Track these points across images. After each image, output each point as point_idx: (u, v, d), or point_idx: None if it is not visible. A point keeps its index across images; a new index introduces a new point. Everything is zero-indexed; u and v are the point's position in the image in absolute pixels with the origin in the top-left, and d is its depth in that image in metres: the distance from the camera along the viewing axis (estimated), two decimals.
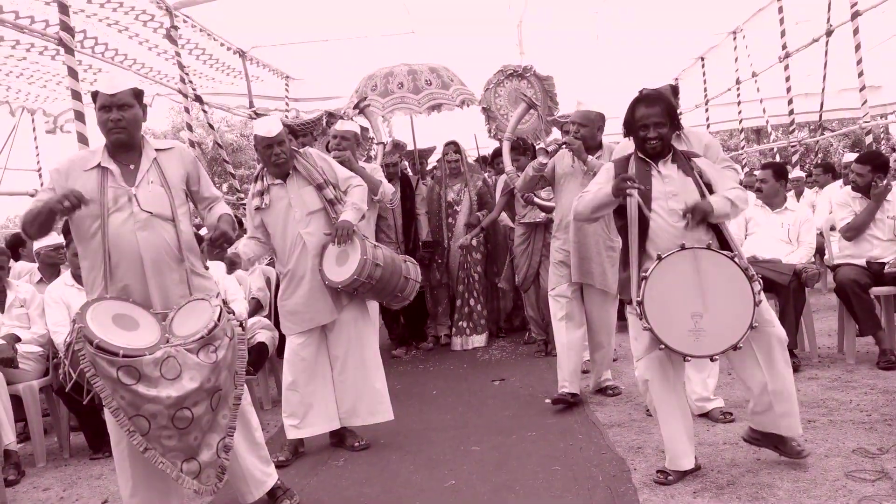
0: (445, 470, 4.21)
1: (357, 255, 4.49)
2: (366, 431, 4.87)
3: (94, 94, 3.39)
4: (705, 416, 4.60)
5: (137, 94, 3.45)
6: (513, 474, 4.03)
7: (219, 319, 3.25)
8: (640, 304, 3.47)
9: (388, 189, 5.91)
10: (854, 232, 5.79)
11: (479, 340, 7.69)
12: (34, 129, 12.45)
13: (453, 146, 7.87)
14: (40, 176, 12.94)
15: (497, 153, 8.17)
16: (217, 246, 3.52)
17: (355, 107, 7.12)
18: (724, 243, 3.64)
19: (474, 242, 7.64)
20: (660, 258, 3.47)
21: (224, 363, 3.24)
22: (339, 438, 4.88)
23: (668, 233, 3.60)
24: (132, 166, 3.45)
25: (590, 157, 5.07)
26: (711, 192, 3.66)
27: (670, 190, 3.65)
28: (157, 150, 3.54)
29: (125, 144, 3.44)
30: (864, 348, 5.86)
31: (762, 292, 3.52)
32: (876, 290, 5.55)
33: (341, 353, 4.72)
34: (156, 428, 3.09)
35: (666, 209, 3.63)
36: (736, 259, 3.48)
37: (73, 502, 4.28)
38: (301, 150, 4.71)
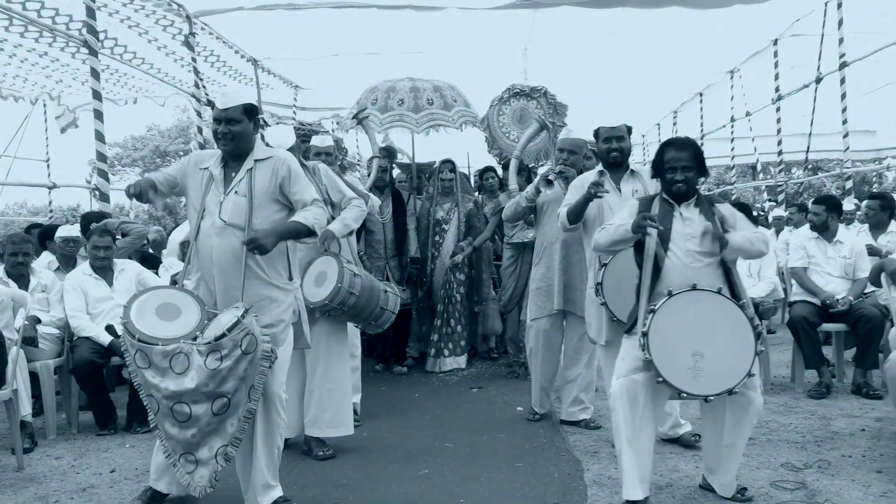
0: (421, 461, 4.67)
1: (333, 281, 4.67)
2: (357, 431, 5.26)
3: (212, 105, 3.79)
4: (675, 440, 4.78)
5: (248, 109, 3.72)
6: (480, 468, 4.50)
7: (230, 330, 3.40)
8: (645, 335, 3.55)
9: (375, 202, 6.05)
10: None
11: (458, 362, 7.52)
12: (46, 121, 12.83)
13: (449, 165, 7.72)
14: (48, 167, 13.27)
15: (483, 171, 8.09)
16: (249, 250, 3.58)
17: (354, 117, 7.19)
18: (733, 291, 3.73)
19: (460, 261, 7.51)
20: (671, 294, 3.58)
21: (232, 374, 3.40)
22: (308, 447, 4.91)
23: (681, 272, 3.68)
24: (234, 174, 3.75)
25: None
26: None
27: (689, 232, 3.74)
28: (256, 160, 3.75)
29: (232, 155, 3.76)
30: (816, 379, 6.29)
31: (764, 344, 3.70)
32: (825, 327, 6.07)
33: (310, 363, 4.85)
34: (161, 413, 3.48)
35: (682, 250, 3.72)
36: (744, 308, 3.59)
37: (84, 470, 4.71)
38: (309, 165, 4.90)
